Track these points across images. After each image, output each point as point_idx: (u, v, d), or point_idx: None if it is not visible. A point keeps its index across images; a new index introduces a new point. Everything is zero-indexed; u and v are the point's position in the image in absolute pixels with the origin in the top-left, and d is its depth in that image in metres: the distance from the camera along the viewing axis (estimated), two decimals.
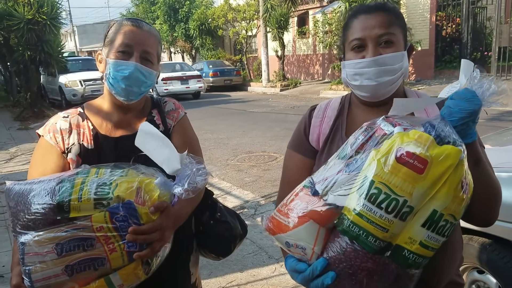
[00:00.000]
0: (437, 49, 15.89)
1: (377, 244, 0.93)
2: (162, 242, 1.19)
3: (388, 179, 0.92)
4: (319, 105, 1.42)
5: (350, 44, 1.24)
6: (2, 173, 6.80)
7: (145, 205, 1.15)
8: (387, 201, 0.91)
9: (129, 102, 1.43)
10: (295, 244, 1.01)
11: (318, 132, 1.35)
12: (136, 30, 1.40)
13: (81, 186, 1.14)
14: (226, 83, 21.04)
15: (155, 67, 1.45)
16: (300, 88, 18.90)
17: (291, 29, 20.72)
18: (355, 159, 1.01)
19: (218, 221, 1.61)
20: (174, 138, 1.51)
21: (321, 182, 1.03)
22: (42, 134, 1.46)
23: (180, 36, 27.60)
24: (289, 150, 1.42)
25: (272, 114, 12.14)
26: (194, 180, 1.16)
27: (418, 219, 0.93)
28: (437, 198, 0.92)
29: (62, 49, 15.15)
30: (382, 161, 0.94)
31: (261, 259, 3.52)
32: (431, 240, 0.94)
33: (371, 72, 1.19)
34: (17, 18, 12.54)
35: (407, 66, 1.24)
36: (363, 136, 1.03)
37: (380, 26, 1.19)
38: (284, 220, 1.04)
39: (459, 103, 0.98)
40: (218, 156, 7.41)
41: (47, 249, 1.12)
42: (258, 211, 4.64)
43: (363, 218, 0.93)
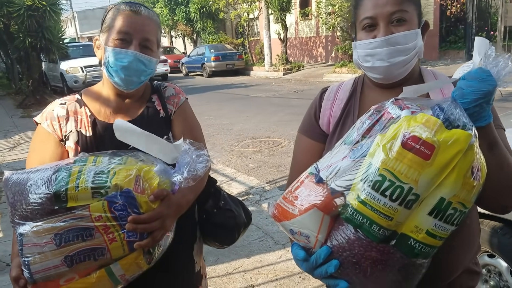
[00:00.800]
0: (441, 30, 15.68)
1: (381, 233, 0.90)
2: (163, 231, 1.17)
3: (393, 166, 0.88)
4: (330, 87, 1.37)
5: (361, 23, 1.18)
6: (6, 161, 6.82)
7: (144, 194, 1.12)
8: (392, 188, 0.87)
9: (129, 90, 1.40)
10: (299, 232, 0.99)
11: (328, 115, 1.31)
12: (134, 16, 1.35)
13: (78, 175, 1.12)
14: (228, 68, 20.88)
15: (155, 54, 1.40)
16: (303, 71, 18.76)
17: (294, 11, 20.47)
18: (361, 144, 0.97)
19: (222, 209, 1.58)
20: (175, 124, 1.49)
21: (326, 169, 1.00)
22: (39, 122, 1.43)
23: (181, 20, 27.34)
24: (299, 134, 1.38)
25: (275, 99, 12.06)
26: (194, 168, 1.14)
27: (425, 207, 0.89)
28: (444, 186, 0.88)
29: (63, 35, 15.06)
30: (387, 147, 0.90)
31: (267, 244, 3.51)
32: (439, 229, 0.90)
33: (383, 52, 1.14)
34: (17, 5, 12.44)
35: (421, 45, 1.17)
36: (369, 120, 1.00)
37: (392, 3, 1.13)
38: (288, 208, 1.02)
39: (472, 83, 0.92)
40: (222, 142, 7.39)
41: (46, 240, 1.10)
42: (263, 197, 4.63)
43: (366, 206, 0.90)
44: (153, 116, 1.47)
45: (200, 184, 1.43)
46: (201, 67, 21.74)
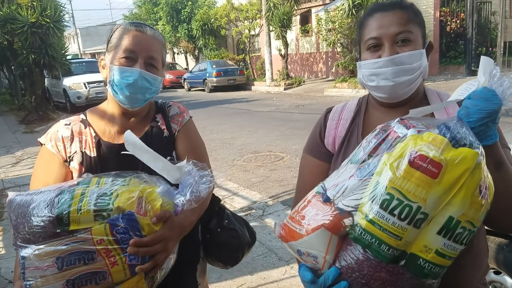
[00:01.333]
0: (441, 45, 15.79)
1: (390, 253, 0.88)
2: (165, 253, 1.15)
3: (401, 185, 0.87)
4: (335, 107, 1.38)
5: (366, 43, 1.20)
6: (8, 177, 6.81)
7: (147, 215, 1.11)
8: (400, 207, 0.87)
9: (134, 108, 1.40)
10: (307, 253, 0.98)
11: (333, 135, 1.31)
12: (140, 35, 1.36)
13: (80, 197, 1.11)
14: (230, 83, 21.00)
15: (159, 73, 1.41)
16: (304, 86, 18.85)
17: (294, 27, 20.67)
18: (367, 163, 0.97)
19: (226, 228, 1.56)
20: (178, 143, 1.48)
21: (333, 188, 1.00)
22: (43, 143, 1.43)
23: (183, 37, 27.61)
24: (304, 154, 1.39)
25: (277, 113, 12.10)
26: (197, 189, 1.13)
27: (433, 226, 0.88)
28: (453, 204, 0.87)
29: (66, 51, 15.20)
30: (394, 165, 0.89)
31: (271, 261, 3.49)
32: (448, 249, 0.89)
33: (388, 72, 1.15)
34: (21, 22, 12.58)
35: (426, 65, 1.19)
36: (376, 139, 1.00)
37: (397, 24, 1.15)
38: (296, 228, 1.00)
39: (478, 102, 0.92)
40: (224, 156, 7.39)
41: (48, 263, 1.09)
42: (266, 212, 4.61)
43: (375, 226, 0.89)
44: (157, 135, 1.47)
45: (203, 204, 1.42)
46: (203, 83, 21.87)
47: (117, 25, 1.45)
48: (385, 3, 1.22)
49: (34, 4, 12.67)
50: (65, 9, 14.32)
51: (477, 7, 14.64)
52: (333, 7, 17.31)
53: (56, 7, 13.29)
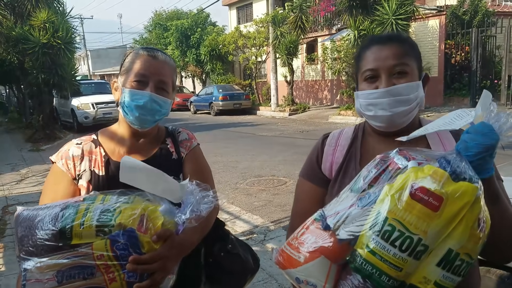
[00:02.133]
0: (446, 77, 15.93)
1: (390, 284, 0.89)
2: (164, 273, 1.15)
3: (402, 216, 0.89)
4: (332, 133, 1.40)
5: (363, 74, 1.23)
6: (12, 194, 6.83)
7: (147, 233, 1.12)
8: (401, 239, 0.88)
9: (143, 129, 1.45)
10: (306, 281, 0.98)
11: (331, 161, 1.33)
12: (152, 60, 1.41)
13: (84, 213, 1.13)
14: (236, 107, 21.17)
15: (169, 96, 1.46)
16: (309, 113, 18.96)
17: (300, 55, 20.94)
18: (368, 193, 0.98)
19: (229, 253, 1.56)
20: (186, 166, 1.52)
21: (333, 216, 1.00)
22: (54, 161, 1.47)
23: (191, 61, 28.02)
24: (301, 179, 1.40)
25: (281, 138, 12.15)
26: (198, 208, 1.14)
27: (433, 258, 0.90)
28: (452, 237, 0.89)
29: (76, 72, 15.41)
30: (396, 197, 0.91)
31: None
32: (446, 280, 0.90)
33: (385, 102, 1.18)
34: (33, 42, 12.83)
35: (422, 96, 1.22)
36: (376, 169, 1.01)
37: (394, 57, 1.19)
38: (294, 255, 1.01)
39: (476, 137, 0.94)
40: (227, 179, 7.40)
41: (48, 276, 1.10)
42: (267, 237, 4.59)
43: (376, 256, 0.90)
44: (166, 157, 1.51)
45: (206, 226, 1.43)
46: (209, 106, 22.05)
47: (130, 49, 1.51)
48: (382, 36, 1.26)
49: (47, 26, 12.95)
50: (77, 31, 14.66)
51: (482, 40, 14.84)
52: (338, 37, 17.58)
53: (68, 29, 13.56)
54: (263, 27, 21.49)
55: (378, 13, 13.54)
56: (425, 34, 16.32)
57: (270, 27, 19.93)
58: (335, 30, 19.63)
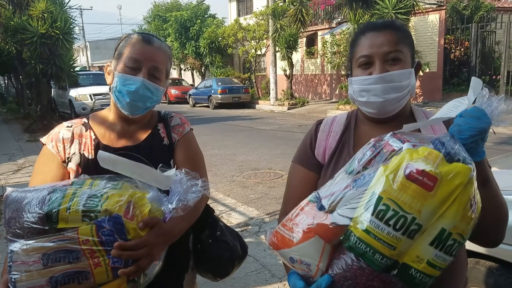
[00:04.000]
0: (445, 72, 15.91)
1: (383, 262, 0.91)
2: (149, 259, 1.15)
3: (397, 196, 0.90)
4: (325, 120, 1.42)
5: (358, 61, 1.24)
6: (9, 183, 6.84)
7: (134, 220, 1.12)
8: (395, 218, 0.90)
9: (134, 116, 1.43)
10: (300, 260, 0.99)
11: (324, 146, 1.34)
12: (146, 46, 1.40)
13: (71, 197, 1.13)
14: (234, 101, 21.14)
15: (162, 84, 1.44)
16: (308, 107, 18.95)
17: (300, 49, 20.90)
18: (363, 174, 0.99)
19: (218, 240, 1.56)
20: (177, 152, 1.51)
21: (328, 197, 1.01)
22: (45, 143, 1.47)
23: (190, 54, 27.94)
24: (293, 164, 1.41)
25: (279, 132, 12.15)
26: (185, 198, 1.14)
27: (426, 238, 0.91)
28: (446, 217, 0.90)
29: (74, 63, 15.37)
30: (390, 178, 0.92)
31: (264, 277, 3.47)
32: (439, 259, 0.92)
33: (378, 88, 1.19)
34: (31, 32, 12.77)
35: (414, 84, 1.23)
36: (370, 151, 1.02)
37: (388, 44, 1.20)
38: (288, 235, 1.01)
39: (469, 121, 0.97)
40: (224, 172, 7.40)
41: (34, 259, 1.11)
42: (262, 228, 4.60)
43: (370, 235, 0.91)
44: (157, 142, 1.50)
45: (194, 214, 1.43)
46: (207, 99, 22.01)
47: (126, 34, 1.49)
48: (377, 22, 1.27)
49: (45, 16, 12.88)
50: (76, 21, 14.56)
51: (481, 36, 14.81)
52: (338, 31, 17.54)
53: (67, 19, 13.49)
54: (263, 20, 21.41)
55: (378, 7, 13.50)
56: (424, 29, 16.28)
57: (270, 20, 19.86)
58: (335, 23, 19.57)
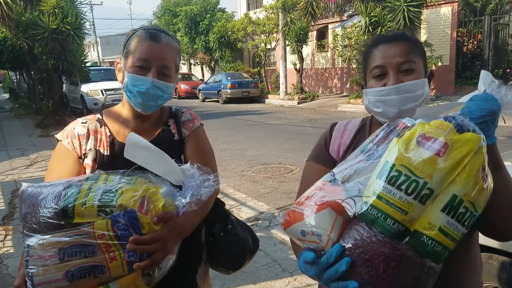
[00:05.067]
0: (457, 65, 15.72)
1: (395, 227, 0.91)
2: (163, 253, 1.17)
3: (409, 162, 0.92)
4: (340, 122, 1.44)
5: (372, 72, 1.26)
6: (22, 178, 6.93)
7: (148, 215, 1.13)
8: (407, 182, 0.91)
9: (146, 113, 1.45)
10: (311, 232, 0.99)
11: (338, 143, 1.36)
12: (154, 44, 1.39)
13: (87, 192, 1.14)
14: (244, 95, 21.14)
15: (172, 80, 1.45)
16: (318, 101, 18.88)
17: (310, 42, 20.79)
18: (376, 150, 1.02)
19: (229, 233, 1.57)
20: (187, 147, 1.51)
21: (341, 171, 1.04)
22: (60, 139, 1.48)
23: (200, 48, 27.95)
24: (308, 162, 1.42)
25: (289, 127, 12.12)
26: (199, 192, 1.15)
27: (438, 204, 0.92)
28: (457, 183, 0.92)
29: (85, 58, 15.47)
30: (403, 146, 0.95)
31: (274, 272, 3.48)
32: (451, 227, 0.92)
33: (394, 99, 1.21)
34: (42, 28, 12.88)
35: (428, 93, 1.25)
36: (383, 131, 1.04)
37: (400, 54, 1.22)
38: (301, 209, 1.02)
39: (479, 103, 1.00)
40: (234, 167, 7.42)
41: (50, 253, 1.12)
42: (272, 223, 4.60)
43: (382, 200, 0.92)
44: (168, 138, 1.51)
45: (206, 208, 1.44)
46: (217, 94, 22.06)
47: (133, 29, 1.48)
48: (388, 35, 1.29)
49: (56, 11, 12.98)
50: (86, 17, 14.65)
51: (494, 29, 14.59)
52: (350, 24, 17.39)
53: (77, 15, 13.59)
54: (273, 14, 21.32)
55: (389, 0, 13.34)
56: (437, 22, 16.07)
57: (280, 13, 19.77)
58: (346, 16, 19.41)
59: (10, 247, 4.22)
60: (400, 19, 13.59)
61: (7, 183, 6.63)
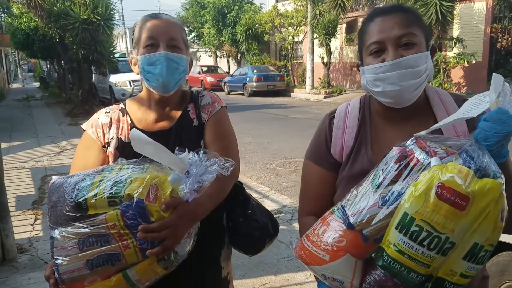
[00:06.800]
0: (490, 62, 15.25)
1: (418, 279, 0.93)
2: (174, 239, 1.18)
3: (430, 217, 0.91)
4: (337, 113, 1.34)
5: (368, 48, 1.17)
6: (51, 165, 7.12)
7: (156, 203, 1.15)
8: (429, 238, 0.91)
9: (168, 93, 1.45)
10: (332, 278, 1.01)
11: (341, 145, 1.29)
12: (156, 22, 1.43)
13: (98, 184, 1.19)
14: (269, 88, 21.09)
15: (184, 52, 1.45)
16: (345, 96, 18.66)
17: (339, 35, 20.52)
18: (391, 191, 0.97)
19: (248, 218, 1.58)
20: (206, 133, 1.51)
21: (356, 214, 1.00)
22: (85, 129, 1.53)
23: (227, 41, 28.00)
24: (308, 162, 1.35)
25: (314, 121, 12.02)
26: (201, 179, 1.16)
27: (460, 252, 0.93)
28: (478, 232, 0.92)
29: (114, 49, 15.71)
30: (422, 198, 0.92)
31: (296, 264, 3.47)
32: (471, 270, 0.95)
33: (394, 76, 1.11)
34: (73, 18, 13.14)
35: (431, 67, 1.16)
36: (397, 165, 0.99)
37: (399, 27, 1.12)
38: (318, 253, 1.02)
39: (494, 126, 0.96)
40: (258, 160, 7.42)
41: (71, 244, 1.18)
42: (294, 217, 4.59)
43: (404, 255, 0.92)
44: (187, 124, 1.51)
45: (222, 193, 1.43)
46: (242, 87, 22.08)
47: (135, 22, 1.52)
48: (385, 7, 1.20)
49: (87, 2, 13.22)
50: (116, 8, 14.85)
51: None
52: None
53: (108, 5, 13.80)
54: (302, 6, 21.13)
55: None
56: (470, 17, 15.61)
57: (309, 5, 19.57)
58: None
59: (39, 230, 4.36)
60: (432, 13, 13.25)
61: (38, 169, 6.82)
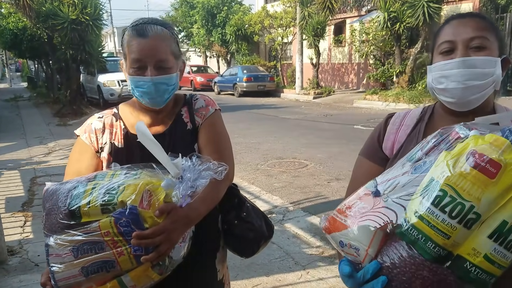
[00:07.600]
0: None
1: (436, 251, 0.86)
2: (168, 244, 1.18)
3: (456, 182, 0.85)
4: (397, 113, 1.35)
5: (439, 47, 1.18)
6: (40, 166, 7.05)
7: (149, 209, 1.15)
8: (452, 205, 0.84)
9: (158, 107, 1.46)
10: (349, 244, 0.96)
11: (393, 140, 1.28)
12: (142, 41, 1.37)
13: (91, 191, 1.18)
14: (260, 89, 21.12)
15: (173, 69, 1.42)
16: (334, 96, 18.76)
17: (327, 37, 20.62)
18: (424, 161, 0.95)
19: (243, 221, 1.59)
20: (200, 136, 1.51)
21: (384, 182, 0.99)
22: (79, 134, 1.53)
23: (217, 41, 27.95)
24: (360, 157, 1.36)
25: (304, 121, 12.09)
26: (195, 184, 1.16)
27: (485, 229, 0.85)
28: (508, 208, 0.84)
29: (103, 49, 15.59)
30: (451, 163, 0.87)
31: (287, 265, 3.50)
32: (498, 255, 0.84)
33: (459, 73, 1.11)
34: (62, 18, 13.01)
35: (499, 75, 1.14)
36: (435, 138, 0.98)
37: (473, 30, 1.13)
38: (341, 219, 0.99)
39: None
40: (249, 160, 7.44)
41: (66, 252, 1.18)
42: (286, 217, 4.62)
43: (423, 222, 0.86)
44: (181, 129, 1.51)
45: (215, 198, 1.43)
46: (232, 87, 22.06)
47: (124, 28, 1.49)
48: (463, 12, 1.22)
49: (76, 2, 13.10)
50: (104, 8, 14.73)
51: None
52: (368, 19, 17.23)
53: (96, 5, 13.68)
54: (291, 7, 21.19)
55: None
56: None
57: (298, 7, 19.64)
58: (365, 11, 19.21)
59: (29, 233, 4.32)
60: (419, 15, 13.40)
61: (27, 171, 6.75)
